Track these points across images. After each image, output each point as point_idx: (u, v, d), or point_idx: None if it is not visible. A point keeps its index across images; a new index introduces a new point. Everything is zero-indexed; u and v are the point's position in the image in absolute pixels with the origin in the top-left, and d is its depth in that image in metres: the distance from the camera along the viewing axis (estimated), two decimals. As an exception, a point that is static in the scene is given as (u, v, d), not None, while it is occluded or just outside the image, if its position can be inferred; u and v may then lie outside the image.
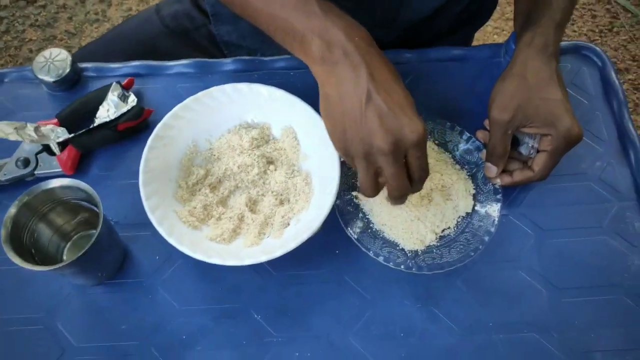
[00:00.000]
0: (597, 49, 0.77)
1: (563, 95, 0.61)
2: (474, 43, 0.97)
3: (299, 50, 0.55)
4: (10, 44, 1.71)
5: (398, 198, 0.56)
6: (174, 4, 0.90)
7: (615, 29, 1.73)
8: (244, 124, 0.69)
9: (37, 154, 0.68)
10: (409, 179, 0.54)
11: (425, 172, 0.55)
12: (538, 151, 0.64)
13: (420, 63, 0.76)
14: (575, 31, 1.71)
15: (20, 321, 0.61)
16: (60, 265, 0.53)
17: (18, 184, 0.67)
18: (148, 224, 0.60)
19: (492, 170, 0.65)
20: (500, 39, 1.69)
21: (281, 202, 0.65)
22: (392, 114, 0.50)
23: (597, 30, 1.71)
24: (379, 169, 0.54)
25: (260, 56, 0.79)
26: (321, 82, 0.54)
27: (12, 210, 0.55)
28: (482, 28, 1.71)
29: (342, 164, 0.62)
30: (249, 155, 0.67)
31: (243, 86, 0.67)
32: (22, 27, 1.74)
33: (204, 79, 0.76)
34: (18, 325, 0.60)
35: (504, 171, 0.65)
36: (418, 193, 0.65)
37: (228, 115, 0.69)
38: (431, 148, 0.69)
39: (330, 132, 0.55)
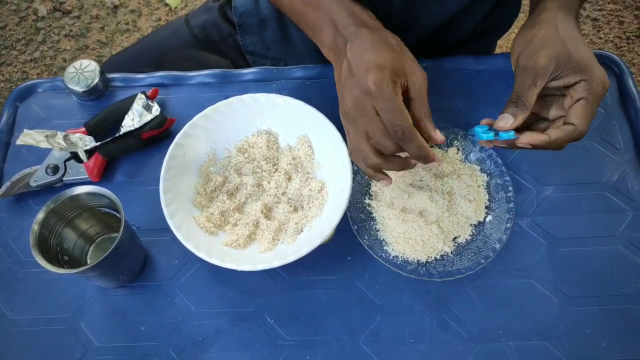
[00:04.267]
0: (615, 57, 0.77)
1: (591, 51, 0.59)
2: (496, 49, 0.97)
3: (316, 39, 0.63)
4: (46, 54, 1.77)
5: (388, 155, 0.57)
6: (202, 15, 0.92)
7: (644, 35, 1.69)
8: (262, 132, 0.71)
9: (65, 161, 0.72)
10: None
11: (395, 124, 0.54)
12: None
13: (435, 71, 0.77)
14: (601, 38, 1.68)
15: (47, 321, 0.64)
16: (83, 268, 0.56)
17: (48, 190, 0.71)
18: (168, 229, 0.62)
19: (507, 120, 0.58)
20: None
21: (295, 209, 0.67)
22: (354, 70, 0.55)
23: (624, 37, 1.68)
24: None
25: (283, 66, 0.81)
26: (333, 64, 0.61)
27: (40, 216, 0.58)
28: (505, 34, 1.70)
29: (355, 172, 0.63)
30: (266, 162, 0.70)
31: (260, 96, 0.69)
32: (57, 38, 1.80)
33: (225, 89, 0.78)
34: (44, 325, 0.64)
35: (532, 130, 0.60)
36: (432, 201, 0.66)
37: (246, 124, 0.71)
38: (444, 154, 0.70)
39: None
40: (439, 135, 0.58)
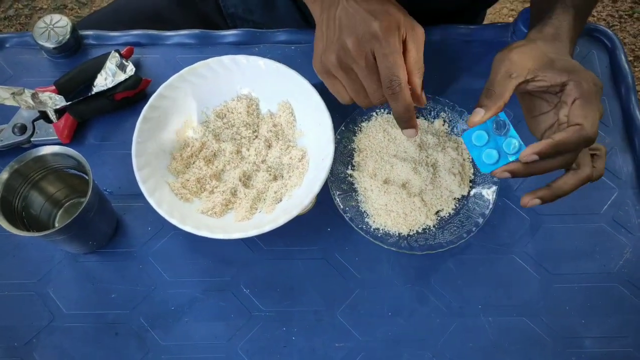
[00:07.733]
0: (608, 31, 0.75)
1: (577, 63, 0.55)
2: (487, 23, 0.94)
3: None
4: (21, 12, 1.70)
5: (374, 102, 0.57)
6: None
7: (635, 15, 1.68)
8: (242, 97, 0.68)
9: (34, 121, 0.68)
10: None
11: (393, 74, 0.52)
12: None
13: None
14: (593, 16, 1.66)
15: (13, 287, 0.61)
16: (49, 231, 0.53)
17: (15, 151, 0.67)
18: (141, 195, 0.60)
19: (478, 113, 0.52)
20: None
21: (275, 178, 0.65)
22: (357, 14, 0.53)
23: (616, 16, 1.67)
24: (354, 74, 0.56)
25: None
26: (316, 20, 0.59)
27: (3, 176, 0.55)
28: (497, 10, 1.67)
29: (337, 142, 0.61)
30: (246, 129, 0.67)
31: (241, 58, 0.66)
32: (33, -5, 1.73)
33: (204, 50, 0.75)
34: (10, 291, 0.61)
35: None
36: (416, 173, 0.64)
37: (225, 87, 0.68)
38: (429, 126, 0.67)
39: (314, 58, 0.58)
40: (424, 97, 0.57)
